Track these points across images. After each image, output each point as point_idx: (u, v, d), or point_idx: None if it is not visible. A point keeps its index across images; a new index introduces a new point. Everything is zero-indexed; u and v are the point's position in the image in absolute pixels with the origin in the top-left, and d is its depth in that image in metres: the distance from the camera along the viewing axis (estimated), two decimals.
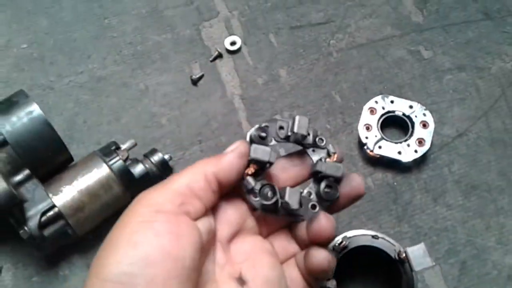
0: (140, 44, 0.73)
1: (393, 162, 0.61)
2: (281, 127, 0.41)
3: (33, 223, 0.52)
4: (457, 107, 0.65)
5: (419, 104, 0.63)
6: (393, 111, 0.63)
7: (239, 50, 0.72)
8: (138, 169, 0.58)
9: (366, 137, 0.62)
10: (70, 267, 0.58)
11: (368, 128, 0.62)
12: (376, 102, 0.64)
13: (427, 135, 0.61)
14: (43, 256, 0.58)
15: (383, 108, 0.63)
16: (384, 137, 0.62)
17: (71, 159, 0.58)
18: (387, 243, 0.49)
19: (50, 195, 0.53)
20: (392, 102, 0.63)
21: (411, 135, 0.61)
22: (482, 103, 0.65)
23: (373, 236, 0.49)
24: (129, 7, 0.76)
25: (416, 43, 0.70)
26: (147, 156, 0.60)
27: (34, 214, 0.52)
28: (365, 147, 0.61)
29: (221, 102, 0.68)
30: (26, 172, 0.53)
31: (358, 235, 0.49)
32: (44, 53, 0.72)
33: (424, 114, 0.62)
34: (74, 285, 0.57)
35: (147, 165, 0.59)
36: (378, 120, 0.63)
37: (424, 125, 0.62)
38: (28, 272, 0.58)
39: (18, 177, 0.53)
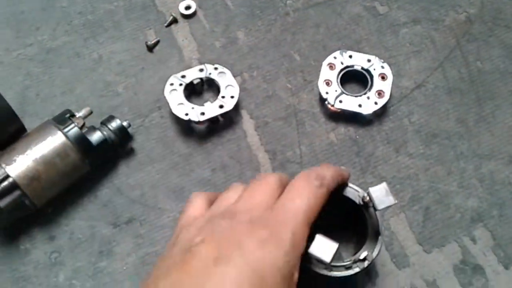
0: (91, 13, 0.71)
1: (354, 116, 0.61)
2: None
3: None
4: (414, 59, 0.66)
5: (377, 58, 0.63)
6: (352, 66, 0.63)
7: (194, 14, 0.71)
8: (95, 136, 0.56)
9: (327, 93, 0.62)
10: (30, 240, 0.56)
11: (328, 83, 0.62)
12: (335, 57, 0.63)
13: (386, 87, 0.61)
14: (1, 231, 0.55)
15: (342, 63, 0.63)
16: (344, 92, 0.62)
17: (23, 129, 0.56)
18: (351, 190, 0.49)
19: (3, 165, 0.51)
20: (350, 57, 0.63)
21: (371, 87, 0.62)
22: (438, 54, 0.66)
23: None
24: None
25: None
26: (104, 123, 0.58)
27: None
28: (326, 102, 0.61)
29: (179, 67, 0.66)
30: None
31: None
32: None
33: (382, 67, 0.62)
34: (36, 258, 0.55)
35: (105, 132, 0.57)
36: (338, 75, 0.63)
37: (383, 77, 0.62)
38: None
39: None
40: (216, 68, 0.64)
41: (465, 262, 0.54)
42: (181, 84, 0.62)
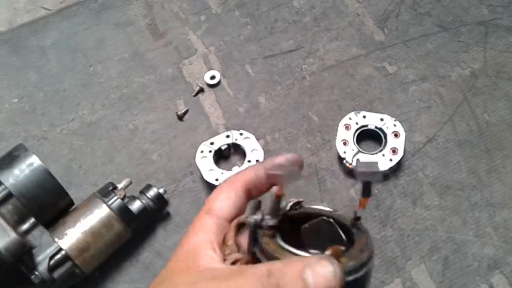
0: (126, 87, 0.78)
1: None
2: None
3: (43, 267, 0.55)
4: (424, 115, 0.71)
5: (389, 116, 0.68)
6: (366, 125, 0.68)
7: (219, 83, 0.77)
8: (136, 206, 0.62)
9: (344, 152, 0.67)
10: None
11: (345, 143, 0.67)
12: (350, 118, 0.69)
13: (399, 144, 0.66)
14: None
15: (357, 123, 0.68)
16: (361, 150, 0.67)
17: (72, 203, 0.62)
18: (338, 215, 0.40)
19: (56, 239, 0.57)
20: (364, 117, 0.69)
21: (385, 145, 0.66)
22: (446, 109, 0.71)
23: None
24: (112, 53, 0.81)
25: (380, 59, 0.76)
26: (143, 192, 0.64)
27: (42, 259, 0.56)
28: (344, 161, 0.66)
29: (207, 132, 0.73)
30: (32, 220, 0.57)
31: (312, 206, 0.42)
32: (35, 105, 0.77)
33: (395, 125, 0.67)
34: None
35: (144, 201, 0.63)
36: (354, 135, 0.68)
37: (396, 135, 0.67)
38: None
39: (25, 226, 0.57)
40: (241, 134, 0.70)
41: None
42: (210, 151, 0.68)
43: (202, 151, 0.68)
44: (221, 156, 0.70)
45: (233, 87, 0.77)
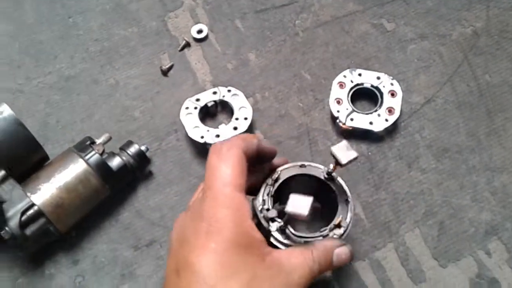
0: (107, 40, 0.73)
1: (366, 133, 0.63)
2: None
3: (13, 223, 0.51)
4: (423, 75, 0.67)
5: (386, 75, 0.64)
6: (362, 84, 0.64)
7: (206, 37, 0.73)
8: (115, 162, 0.58)
9: (338, 111, 0.63)
10: (55, 265, 0.58)
11: (339, 102, 0.64)
12: (345, 76, 0.65)
13: (396, 103, 0.62)
14: (26, 257, 0.58)
15: (352, 81, 0.65)
16: (355, 109, 0.63)
17: (46, 157, 0.58)
18: (314, 168, 0.51)
19: (28, 194, 0.53)
20: (360, 75, 0.65)
21: (381, 105, 0.63)
22: (446, 69, 0.67)
23: (300, 166, 0.51)
24: (93, 4, 0.76)
25: (378, 16, 0.72)
26: (123, 148, 0.60)
27: (13, 214, 0.52)
28: (338, 120, 0.63)
29: (193, 89, 0.68)
30: (2, 173, 0.53)
31: (288, 167, 0.51)
32: (10, 56, 0.72)
33: (392, 84, 0.64)
34: (61, 283, 0.57)
35: (124, 158, 0.59)
36: (348, 93, 0.64)
37: (393, 94, 0.63)
38: (13, 274, 0.57)
39: None
40: (229, 91, 0.65)
41: (481, 276, 0.54)
42: (196, 108, 0.64)
43: (187, 108, 0.64)
44: (208, 114, 0.66)
45: (221, 42, 0.72)
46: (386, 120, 0.62)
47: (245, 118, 0.63)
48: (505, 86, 0.65)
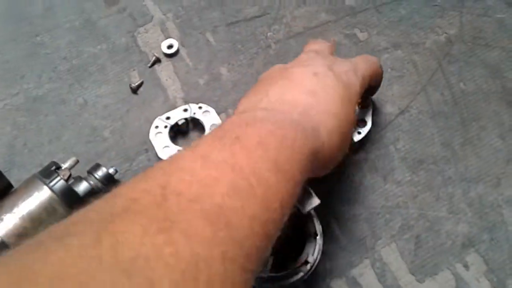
0: (76, 58, 0.71)
1: None
2: None
3: None
4: (397, 85, 0.66)
5: None
6: None
7: (177, 52, 0.71)
8: (82, 187, 0.56)
9: None
10: None
11: None
12: None
13: (367, 115, 0.61)
14: None
15: None
16: None
17: (10, 185, 0.56)
18: None
19: None
20: None
21: None
22: (420, 78, 0.66)
23: None
24: (61, 21, 0.74)
25: (351, 26, 0.71)
26: (90, 172, 0.59)
27: None
28: None
29: (164, 107, 0.67)
30: None
31: None
32: None
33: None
34: None
35: (91, 182, 0.57)
36: None
37: (363, 106, 0.62)
38: None
39: None
40: (200, 107, 0.64)
41: None
42: (166, 126, 0.63)
43: (157, 126, 0.63)
44: (179, 132, 0.65)
45: (192, 57, 0.71)
46: (359, 132, 0.61)
47: None
48: (479, 93, 0.65)
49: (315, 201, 0.45)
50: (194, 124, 0.65)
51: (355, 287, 0.54)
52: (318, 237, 0.49)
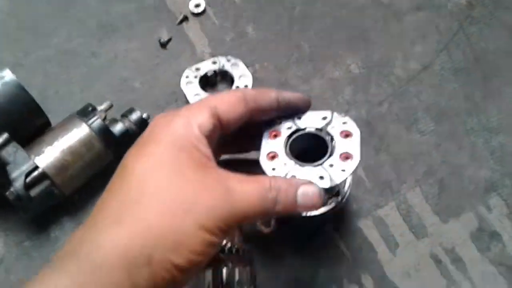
0: (105, 14, 0.73)
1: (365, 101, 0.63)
2: None
3: (18, 184, 0.51)
4: (419, 44, 0.68)
5: (335, 112, 0.48)
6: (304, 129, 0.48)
7: (204, 12, 0.73)
8: (117, 128, 0.58)
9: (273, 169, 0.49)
10: (60, 228, 0.57)
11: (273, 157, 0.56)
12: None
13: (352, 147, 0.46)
14: (31, 220, 0.57)
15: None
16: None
17: (48, 123, 0.58)
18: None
19: (32, 156, 0.53)
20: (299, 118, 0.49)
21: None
22: (442, 38, 0.68)
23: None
24: None
25: None
26: (125, 115, 0.60)
27: (18, 175, 0.52)
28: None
29: (192, 61, 0.69)
30: (5, 136, 0.52)
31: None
32: (8, 32, 0.72)
33: (345, 122, 0.47)
34: None
35: (126, 124, 0.59)
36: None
37: (347, 135, 0.44)
38: (18, 237, 0.57)
39: None
40: (228, 60, 0.66)
41: (482, 229, 0.55)
42: (195, 77, 0.65)
43: (187, 76, 0.65)
44: (207, 84, 0.67)
45: (219, 16, 0.73)
46: (343, 170, 0.43)
47: (246, 86, 0.64)
48: (499, 52, 0.67)
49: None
50: (222, 76, 0.67)
51: (381, 226, 0.56)
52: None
